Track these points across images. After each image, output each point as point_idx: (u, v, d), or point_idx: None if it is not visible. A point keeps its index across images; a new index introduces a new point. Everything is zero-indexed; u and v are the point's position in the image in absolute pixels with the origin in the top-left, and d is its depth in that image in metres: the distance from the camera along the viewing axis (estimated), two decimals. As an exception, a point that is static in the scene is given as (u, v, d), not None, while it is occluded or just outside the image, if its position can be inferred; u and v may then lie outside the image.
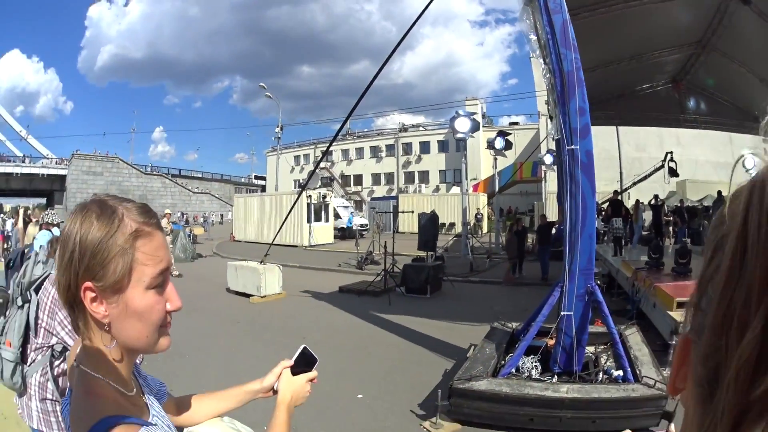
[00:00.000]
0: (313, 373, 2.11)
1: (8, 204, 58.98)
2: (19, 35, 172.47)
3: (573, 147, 7.76)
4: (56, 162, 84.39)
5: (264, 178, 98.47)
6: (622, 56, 19.06)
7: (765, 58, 17.51)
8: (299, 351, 2.11)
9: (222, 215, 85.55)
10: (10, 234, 25.97)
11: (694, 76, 21.23)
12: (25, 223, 17.22)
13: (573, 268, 7.68)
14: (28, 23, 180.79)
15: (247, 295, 16.71)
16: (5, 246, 24.94)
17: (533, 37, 10.56)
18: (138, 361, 1.73)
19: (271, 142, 71.99)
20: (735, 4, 14.43)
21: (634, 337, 9.27)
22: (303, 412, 6.98)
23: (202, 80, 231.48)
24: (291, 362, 2.09)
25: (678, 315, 9.65)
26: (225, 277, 18.00)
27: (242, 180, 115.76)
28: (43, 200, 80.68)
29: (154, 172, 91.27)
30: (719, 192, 26.39)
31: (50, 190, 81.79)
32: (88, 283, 1.33)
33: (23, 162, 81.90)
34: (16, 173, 79.36)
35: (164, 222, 23.02)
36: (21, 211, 15.40)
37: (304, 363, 2.11)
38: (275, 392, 2.05)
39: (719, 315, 0.61)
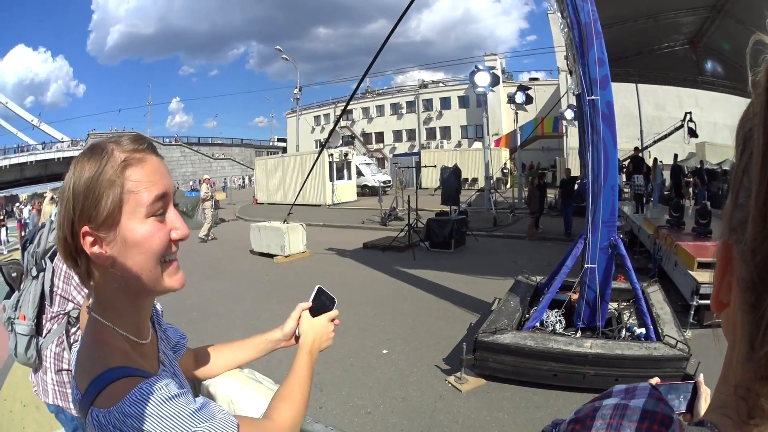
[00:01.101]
0: (334, 312, 2.02)
1: (24, 193, 58.85)
2: (24, 28, 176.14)
3: (594, 97, 7.68)
4: (70, 144, 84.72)
5: (285, 140, 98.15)
6: (639, 14, 18.86)
7: None
8: (315, 291, 2.02)
9: (243, 179, 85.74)
10: (28, 221, 26.50)
11: (710, 39, 20.98)
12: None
13: (596, 219, 7.65)
14: (33, 16, 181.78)
15: (271, 256, 16.83)
16: (23, 234, 25.22)
17: None
18: (159, 311, 1.72)
19: (290, 104, 72.14)
20: None
21: (656, 295, 9.16)
22: (328, 369, 7.22)
23: (217, 49, 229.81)
24: (309, 304, 1.99)
25: (699, 275, 9.58)
26: (248, 239, 18.04)
27: (263, 143, 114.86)
28: (60, 183, 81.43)
29: (173, 143, 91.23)
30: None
31: (66, 173, 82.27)
32: (85, 228, 1.29)
33: (36, 149, 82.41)
34: (30, 161, 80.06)
35: (204, 187, 23.59)
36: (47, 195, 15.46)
37: (322, 303, 2.02)
38: (297, 339, 1.97)
39: (762, 197, 0.56)
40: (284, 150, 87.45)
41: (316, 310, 1.99)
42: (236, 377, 2.14)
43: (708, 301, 9.00)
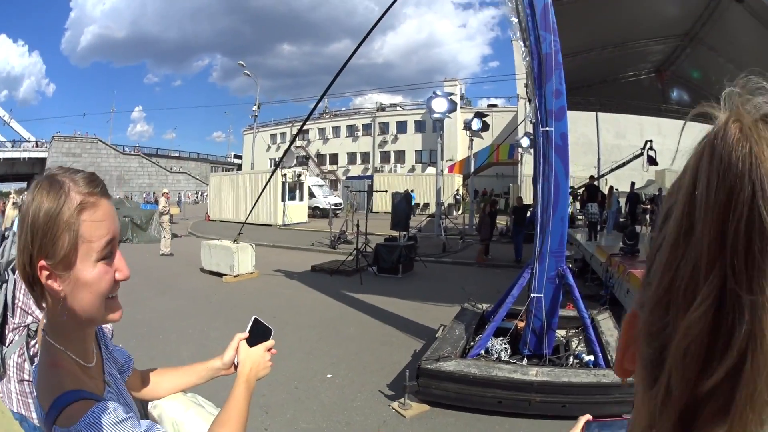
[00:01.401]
0: (270, 342, 2.12)
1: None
2: (7, 19, 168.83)
3: (548, 129, 7.74)
4: (36, 145, 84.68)
5: (241, 157, 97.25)
6: (606, 43, 18.94)
7: (753, 55, 17.32)
8: (252, 321, 2.12)
9: (198, 194, 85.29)
10: (-6, 220, 26.15)
11: (679, 68, 21.05)
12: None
13: (544, 249, 7.70)
14: (17, 6, 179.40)
15: (221, 275, 16.69)
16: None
17: (515, 20, 10.56)
18: (109, 334, 1.86)
19: (248, 121, 71.72)
20: (727, 1, 14.23)
21: (606, 322, 9.31)
22: (274, 391, 7.14)
23: (183, 58, 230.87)
24: (246, 334, 2.09)
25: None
26: (199, 256, 17.97)
27: (219, 159, 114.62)
28: (24, 184, 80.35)
29: (132, 152, 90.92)
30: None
31: (31, 173, 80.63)
32: (42, 262, 1.39)
33: (5, 146, 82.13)
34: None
35: (162, 201, 23.46)
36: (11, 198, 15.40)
37: (259, 333, 2.12)
38: (236, 367, 2.04)
39: (664, 286, 0.58)
40: (239, 167, 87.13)
41: (253, 340, 2.08)
42: (180, 401, 2.32)
43: None
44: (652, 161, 29.29)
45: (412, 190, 41.61)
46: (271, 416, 6.85)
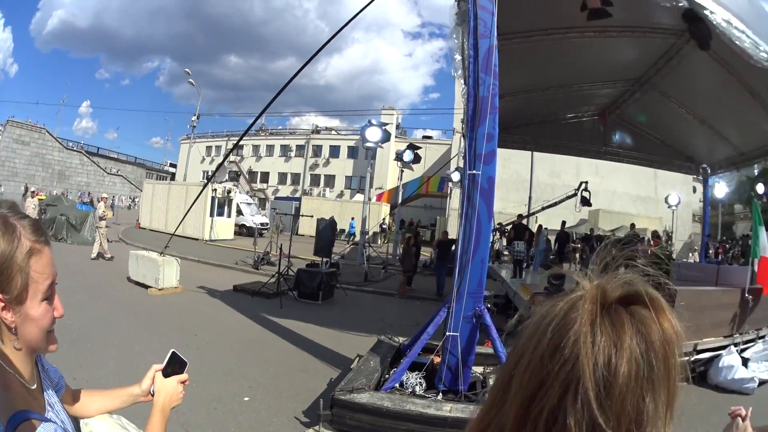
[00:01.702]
0: (183, 376, 2.32)
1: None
2: None
3: (475, 172, 7.87)
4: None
5: (176, 166, 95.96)
6: (551, 85, 18.69)
7: (713, 100, 17.50)
8: (169, 355, 2.31)
9: (132, 199, 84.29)
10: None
11: (625, 111, 20.95)
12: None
13: (462, 289, 7.79)
14: None
15: (146, 286, 16.55)
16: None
17: (458, 57, 10.64)
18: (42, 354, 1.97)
19: (186, 130, 71.13)
20: (690, 48, 14.22)
21: None
22: (194, 410, 7.17)
23: (134, 58, 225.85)
24: (162, 366, 2.30)
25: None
26: (127, 264, 17.83)
27: (155, 165, 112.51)
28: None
29: (74, 148, 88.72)
30: (632, 225, 26.91)
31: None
32: (0, 296, 1.61)
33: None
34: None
35: (102, 206, 23.34)
36: None
37: (174, 366, 2.31)
38: (153, 395, 2.26)
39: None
40: (173, 176, 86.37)
41: (168, 370, 2.30)
42: (107, 422, 2.43)
43: None
44: (585, 202, 29.56)
45: (352, 218, 41.95)
46: (191, 433, 6.88)
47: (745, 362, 11.23)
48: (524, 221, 27.64)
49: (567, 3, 11.51)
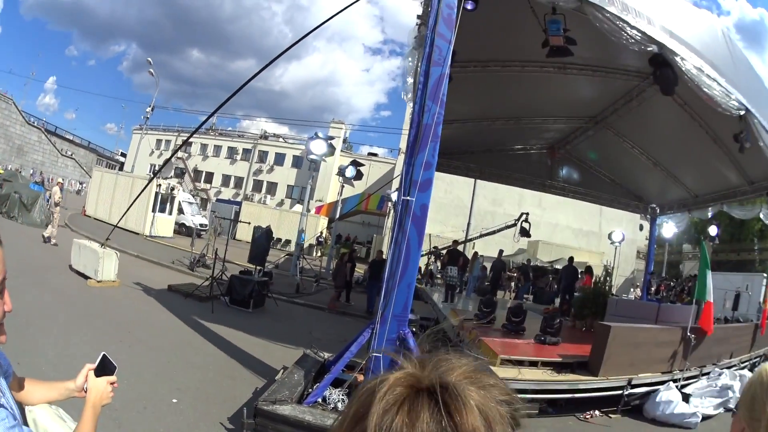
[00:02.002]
0: (112, 378, 2.59)
1: None
2: None
3: (409, 198, 7.97)
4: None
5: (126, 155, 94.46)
6: (502, 115, 18.58)
7: (671, 143, 17.77)
8: (100, 357, 2.59)
9: (81, 184, 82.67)
10: None
11: (575, 147, 21.07)
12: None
13: (387, 312, 7.90)
14: None
15: (87, 277, 16.64)
16: None
17: (410, 80, 10.68)
18: None
19: (141, 120, 70.46)
20: (653, 91, 14.20)
21: None
22: (126, 407, 7.40)
23: (104, 38, 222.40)
24: (94, 365, 2.58)
25: (502, 371, 10.10)
26: (71, 251, 17.90)
27: (107, 152, 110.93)
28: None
29: (35, 124, 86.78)
30: (570, 258, 27.14)
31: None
32: None
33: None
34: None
35: (57, 191, 23.42)
36: None
37: (105, 367, 2.59)
38: (86, 392, 2.51)
39: None
40: (122, 166, 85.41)
41: (100, 371, 2.57)
42: (47, 411, 2.71)
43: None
44: (525, 233, 29.59)
45: (303, 231, 42.29)
46: (123, 430, 7.00)
47: (686, 398, 11.43)
48: (460, 247, 27.94)
49: (529, 37, 11.49)
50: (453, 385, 0.90)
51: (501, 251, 28.09)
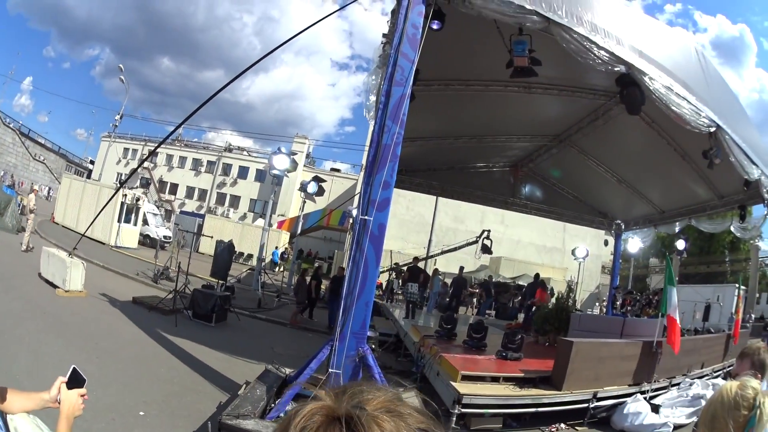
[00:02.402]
0: (82, 390, 2.81)
1: None
2: None
3: (367, 218, 8.08)
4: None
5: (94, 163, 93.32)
6: (465, 134, 18.77)
7: (637, 160, 18.02)
8: (70, 370, 2.80)
9: (50, 190, 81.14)
10: None
11: (538, 165, 21.32)
12: None
13: (345, 330, 7.99)
14: None
15: (55, 286, 16.61)
16: None
17: (372, 98, 10.71)
18: None
19: (109, 127, 69.90)
20: (619, 110, 14.48)
21: (412, 401, 9.31)
22: (96, 418, 7.57)
23: (80, 41, 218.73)
24: (65, 378, 2.77)
25: (462, 387, 10.17)
26: (40, 258, 17.94)
27: (76, 159, 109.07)
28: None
29: (11, 126, 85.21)
30: (537, 275, 27.29)
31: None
32: None
33: None
34: None
35: (32, 198, 24.15)
36: None
37: (75, 380, 2.79)
38: (59, 403, 2.73)
39: None
40: (90, 173, 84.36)
41: (72, 384, 2.77)
42: (27, 420, 2.89)
43: (474, 410, 9.95)
44: (486, 250, 29.71)
45: (276, 248, 42.01)
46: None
47: (656, 409, 11.61)
48: (421, 264, 27.84)
49: (493, 56, 11.50)
50: (366, 414, 1.00)
51: (461, 268, 28.16)
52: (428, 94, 13.71)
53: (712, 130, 10.90)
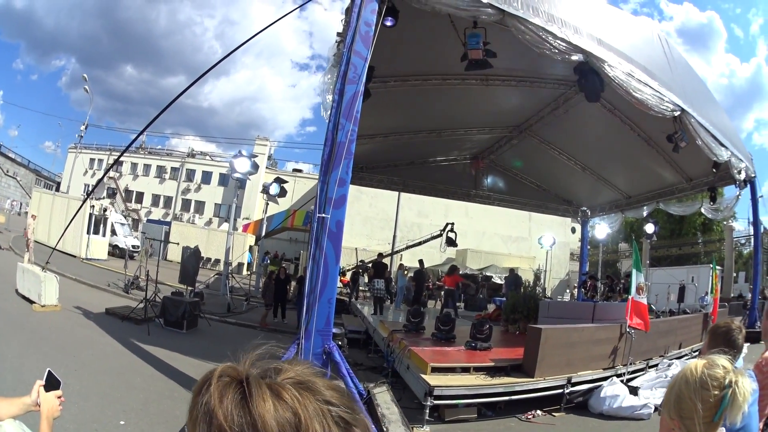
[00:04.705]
0: (59, 392, 2.95)
1: None
2: None
3: (324, 216, 8.21)
4: None
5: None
6: (424, 128, 19.04)
7: (600, 147, 18.41)
8: (46, 374, 2.95)
9: (21, 205, 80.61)
10: None
11: (500, 157, 21.66)
12: None
13: (310, 328, 8.22)
14: None
15: (31, 302, 16.77)
16: None
17: (329, 97, 10.77)
18: None
19: (74, 138, 69.13)
20: (579, 98, 14.57)
21: (383, 395, 9.66)
22: (80, 429, 7.77)
23: (47, 52, 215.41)
24: (43, 382, 2.91)
25: (432, 379, 10.17)
26: (15, 275, 18.09)
27: (45, 172, 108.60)
28: None
29: None
30: (511, 270, 27.45)
31: None
32: None
33: None
34: None
35: (31, 221, 22.58)
36: None
37: (52, 383, 2.94)
38: (39, 406, 2.87)
39: None
40: (58, 186, 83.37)
41: (48, 387, 2.92)
42: (13, 425, 3.08)
43: (447, 401, 10.04)
44: (451, 243, 29.72)
45: (249, 250, 41.74)
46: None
47: (634, 390, 11.68)
48: (386, 260, 28.17)
49: (449, 50, 11.79)
50: (264, 379, 1.13)
51: (421, 261, 27.87)
52: (385, 91, 13.92)
53: (677, 114, 11.18)
